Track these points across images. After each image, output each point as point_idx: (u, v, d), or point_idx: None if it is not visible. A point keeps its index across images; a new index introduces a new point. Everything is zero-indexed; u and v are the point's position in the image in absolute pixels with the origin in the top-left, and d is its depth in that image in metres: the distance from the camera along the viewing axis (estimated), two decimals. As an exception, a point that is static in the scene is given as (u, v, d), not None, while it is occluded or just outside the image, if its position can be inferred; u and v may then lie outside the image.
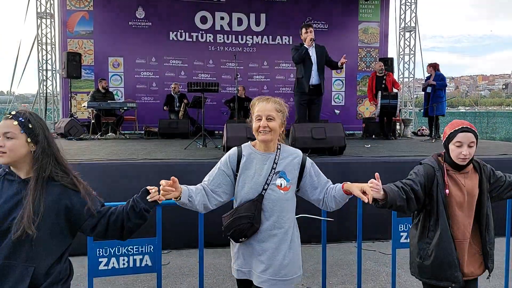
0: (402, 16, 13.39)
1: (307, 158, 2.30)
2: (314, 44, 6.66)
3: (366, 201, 2.07)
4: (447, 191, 2.30)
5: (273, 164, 2.20)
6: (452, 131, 2.31)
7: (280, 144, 2.27)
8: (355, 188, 2.13)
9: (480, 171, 2.37)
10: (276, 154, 2.23)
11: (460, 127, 2.30)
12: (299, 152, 2.29)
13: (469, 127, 2.31)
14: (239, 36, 12.29)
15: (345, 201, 2.24)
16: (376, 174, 2.16)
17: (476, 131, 2.34)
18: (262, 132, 2.18)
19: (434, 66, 9.89)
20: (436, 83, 9.58)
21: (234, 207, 2.27)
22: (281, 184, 2.18)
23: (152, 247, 2.82)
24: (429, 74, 9.97)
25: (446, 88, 10.36)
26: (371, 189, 2.11)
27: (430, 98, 9.73)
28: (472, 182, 2.35)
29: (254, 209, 2.15)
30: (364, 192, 2.10)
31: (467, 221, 2.33)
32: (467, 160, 2.28)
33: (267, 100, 2.24)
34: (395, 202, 2.22)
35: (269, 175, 2.18)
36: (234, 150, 2.29)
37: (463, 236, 2.33)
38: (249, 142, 2.29)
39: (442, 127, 9.72)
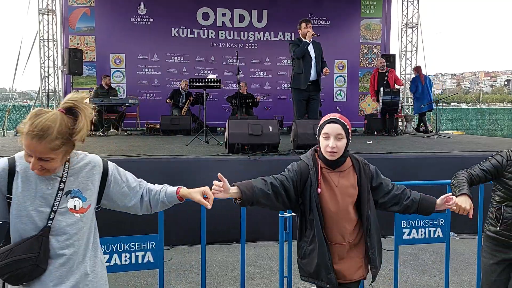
0: (404, 12, 13.34)
1: (109, 162, 1.87)
2: (312, 40, 6.63)
3: (208, 207, 1.90)
4: (319, 190, 2.13)
5: (60, 183, 1.69)
6: (321, 123, 2.18)
7: (69, 157, 1.74)
8: (195, 194, 1.91)
9: (360, 170, 2.19)
10: (62, 171, 1.71)
11: (328, 118, 2.16)
12: (97, 158, 1.84)
13: (337, 118, 2.14)
14: (241, 33, 12.26)
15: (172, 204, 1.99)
16: (219, 174, 2.01)
17: (347, 124, 2.16)
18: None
19: (417, 69, 11.14)
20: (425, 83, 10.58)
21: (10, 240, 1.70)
22: (75, 206, 1.72)
23: (154, 244, 2.82)
24: (415, 75, 10.94)
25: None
26: (214, 191, 1.97)
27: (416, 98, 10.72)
28: (348, 181, 2.17)
29: (38, 248, 1.64)
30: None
31: (346, 224, 2.17)
32: (335, 154, 2.11)
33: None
34: (257, 199, 2.08)
35: (56, 199, 1.68)
36: (2, 163, 1.68)
37: (340, 239, 2.17)
38: (23, 152, 1.67)
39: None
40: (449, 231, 3.36)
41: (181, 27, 12.03)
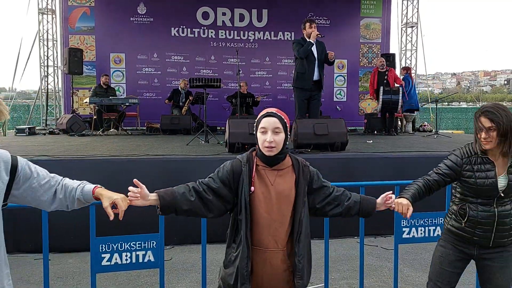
0: (404, 12, 13.35)
1: (19, 158, 1.75)
2: (315, 40, 6.63)
3: (111, 218, 1.78)
4: (252, 188, 1.97)
5: None
6: (258, 117, 2.05)
7: None
8: (105, 198, 1.80)
9: (299, 171, 2.04)
10: None
11: (265, 112, 2.04)
12: (5, 153, 1.71)
13: (274, 112, 2.03)
14: (241, 32, 12.26)
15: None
16: (135, 180, 1.89)
17: (284, 118, 2.04)
18: None
19: (406, 69, 11.17)
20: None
21: None
22: None
23: (155, 243, 2.83)
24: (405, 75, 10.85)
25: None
26: (131, 198, 1.86)
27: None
28: (286, 181, 2.01)
29: None
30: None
31: (279, 228, 1.98)
32: (273, 149, 1.96)
33: None
34: (180, 206, 1.94)
35: None
36: None
37: (270, 245, 1.97)
38: None
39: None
40: (449, 230, 3.37)
41: (181, 26, 12.03)
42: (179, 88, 10.86)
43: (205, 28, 12.13)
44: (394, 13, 13.28)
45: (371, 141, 7.93)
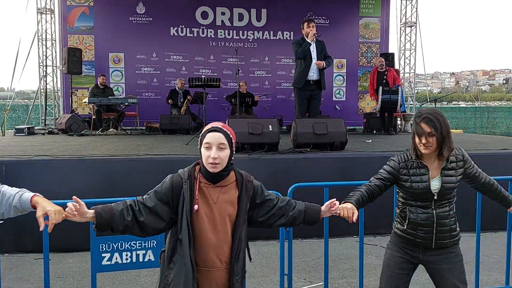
0: (403, 11, 13.36)
1: None
2: (315, 39, 6.66)
3: (41, 229, 1.77)
4: (196, 207, 1.90)
5: None
6: (203, 132, 1.98)
7: None
8: (40, 208, 1.81)
9: (242, 186, 1.98)
10: None
11: (210, 127, 1.96)
12: None
13: (220, 127, 1.95)
14: (240, 32, 12.27)
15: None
16: (74, 197, 1.84)
17: (230, 133, 1.97)
18: None
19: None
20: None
21: None
22: None
23: (155, 242, 2.84)
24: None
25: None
26: (68, 214, 1.81)
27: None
28: (229, 198, 1.96)
29: None
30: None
31: (224, 247, 1.94)
32: (217, 166, 1.90)
33: None
34: (116, 225, 1.87)
35: None
36: None
37: (215, 264, 1.93)
38: None
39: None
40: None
41: (180, 26, 12.03)
42: (177, 88, 10.86)
43: (204, 27, 12.13)
44: (393, 13, 13.31)
45: (371, 140, 7.95)
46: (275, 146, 5.84)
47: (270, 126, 5.80)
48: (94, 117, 9.81)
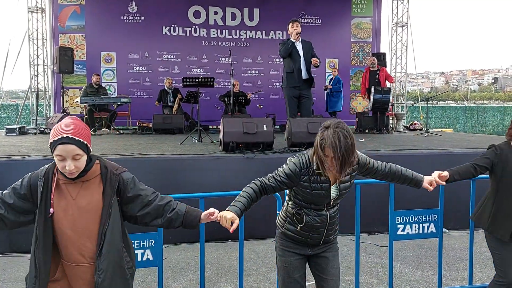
0: (394, 12, 13.47)
1: None
2: (301, 39, 6.70)
3: None
4: (51, 210, 1.85)
5: None
6: (52, 140, 1.84)
7: None
8: None
9: (106, 180, 1.92)
10: None
11: (58, 137, 1.81)
12: None
13: (70, 136, 1.81)
14: (233, 31, 12.27)
15: None
16: None
17: (83, 139, 1.85)
18: None
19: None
20: (332, 87, 10.79)
21: None
22: None
23: (153, 242, 2.85)
24: (331, 75, 11.22)
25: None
26: None
27: (328, 97, 10.99)
28: (91, 193, 1.90)
29: None
30: None
31: (87, 243, 1.90)
32: (75, 173, 1.85)
33: None
34: None
35: None
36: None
37: (77, 260, 1.90)
38: None
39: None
40: (442, 226, 3.44)
41: (173, 25, 12.00)
42: (165, 88, 10.81)
43: (196, 27, 12.12)
44: (384, 13, 13.42)
45: (363, 139, 8.00)
46: (270, 145, 5.87)
47: (264, 126, 5.83)
48: (86, 116, 9.75)
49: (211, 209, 2.13)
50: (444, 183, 2.71)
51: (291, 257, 2.39)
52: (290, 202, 2.40)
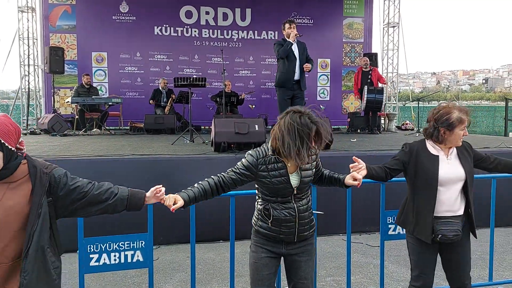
0: (386, 12, 13.53)
1: None
2: (296, 40, 6.71)
3: None
4: None
5: None
6: None
7: None
8: None
9: (35, 179, 1.85)
10: None
11: None
12: None
13: None
14: (225, 31, 12.25)
15: None
16: None
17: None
18: None
19: None
20: None
21: None
22: None
23: (144, 243, 2.82)
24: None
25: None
26: None
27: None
28: (18, 195, 1.82)
29: None
30: None
31: (10, 244, 1.82)
32: None
33: None
34: None
35: None
36: None
37: (1, 259, 1.82)
38: None
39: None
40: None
41: (164, 25, 11.96)
42: (160, 88, 10.80)
43: (188, 27, 12.08)
44: (376, 13, 13.47)
45: (355, 139, 8.03)
46: (261, 145, 5.85)
47: (256, 126, 5.82)
48: (77, 117, 9.68)
49: (158, 186, 2.13)
50: (365, 171, 2.58)
51: (263, 253, 2.40)
52: (259, 200, 2.42)
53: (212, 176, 2.35)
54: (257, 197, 2.45)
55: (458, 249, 2.68)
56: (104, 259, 2.75)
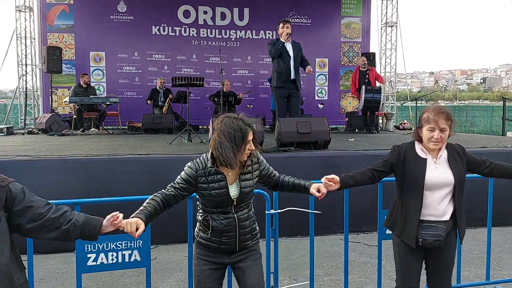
0: (384, 12, 13.54)
1: None
2: (290, 40, 6.73)
3: None
4: None
5: None
6: None
7: None
8: None
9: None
10: None
11: None
12: None
13: None
14: (223, 31, 12.24)
15: None
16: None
17: None
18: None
19: None
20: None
21: None
22: None
23: (141, 242, 2.83)
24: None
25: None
26: None
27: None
28: None
29: None
30: None
31: None
32: None
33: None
34: None
35: None
36: None
37: None
38: None
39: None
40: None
41: (162, 25, 11.94)
42: (157, 87, 10.79)
43: (186, 26, 12.07)
44: (374, 13, 13.48)
45: (353, 139, 8.03)
46: (260, 145, 5.84)
47: (254, 125, 5.81)
48: (75, 116, 9.67)
49: (115, 213, 1.99)
50: (337, 186, 2.53)
51: (205, 265, 2.36)
52: (200, 211, 2.39)
53: (156, 194, 2.30)
54: (198, 208, 2.41)
55: (440, 255, 2.61)
56: (102, 259, 2.75)
